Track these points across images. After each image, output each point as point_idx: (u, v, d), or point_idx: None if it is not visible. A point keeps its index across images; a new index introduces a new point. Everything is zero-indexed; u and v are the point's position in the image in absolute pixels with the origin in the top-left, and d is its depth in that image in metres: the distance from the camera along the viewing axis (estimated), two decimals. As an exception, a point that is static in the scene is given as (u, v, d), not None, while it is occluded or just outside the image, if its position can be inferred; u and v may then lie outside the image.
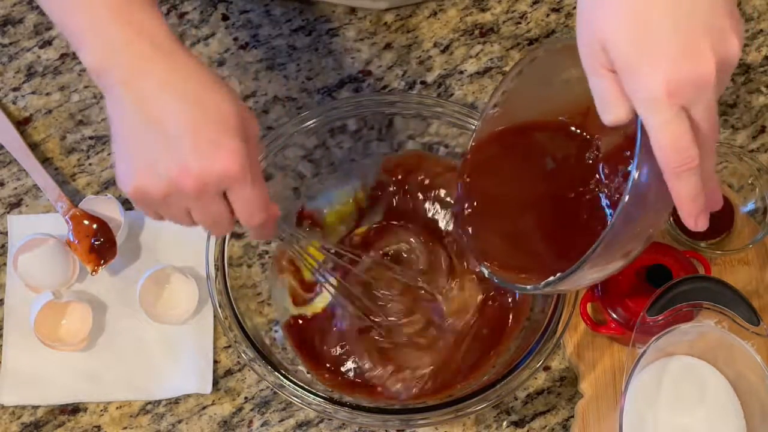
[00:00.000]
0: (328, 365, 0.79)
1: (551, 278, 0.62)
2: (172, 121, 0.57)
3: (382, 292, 0.81)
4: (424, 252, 0.83)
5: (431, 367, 0.80)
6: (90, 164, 0.90)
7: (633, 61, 0.53)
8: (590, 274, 0.62)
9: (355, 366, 0.79)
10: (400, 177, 0.84)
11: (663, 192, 0.56)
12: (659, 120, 0.54)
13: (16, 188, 0.89)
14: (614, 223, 0.57)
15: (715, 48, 0.52)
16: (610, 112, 0.56)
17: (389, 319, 0.81)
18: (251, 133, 0.61)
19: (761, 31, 0.95)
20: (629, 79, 0.54)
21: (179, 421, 0.82)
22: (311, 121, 0.77)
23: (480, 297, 0.83)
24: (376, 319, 0.81)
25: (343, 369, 0.80)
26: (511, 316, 0.81)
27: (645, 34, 0.53)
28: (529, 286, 0.65)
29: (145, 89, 0.58)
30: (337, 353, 0.80)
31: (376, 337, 0.81)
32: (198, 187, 0.58)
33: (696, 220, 0.58)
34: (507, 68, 0.93)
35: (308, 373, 0.78)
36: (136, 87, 0.58)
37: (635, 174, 0.55)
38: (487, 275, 0.69)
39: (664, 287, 0.73)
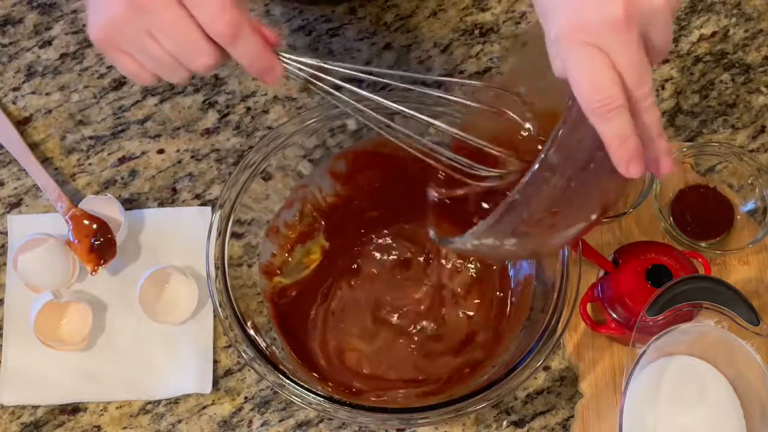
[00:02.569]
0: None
1: (475, 227, 0.59)
2: None
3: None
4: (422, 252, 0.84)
5: (431, 368, 0.80)
6: (90, 164, 0.90)
7: (546, 6, 0.54)
8: (522, 238, 0.59)
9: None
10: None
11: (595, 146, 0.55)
12: (572, 59, 0.53)
13: (16, 188, 0.89)
14: (534, 170, 0.55)
15: None
16: (552, 64, 0.56)
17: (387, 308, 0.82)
18: None
19: (761, 31, 0.95)
20: (545, 26, 0.54)
21: (179, 421, 0.82)
22: (311, 121, 0.77)
23: (480, 297, 0.83)
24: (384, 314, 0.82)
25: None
26: (511, 316, 0.81)
27: None
28: (457, 238, 0.62)
29: None
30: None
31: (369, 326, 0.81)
32: None
33: (628, 166, 0.56)
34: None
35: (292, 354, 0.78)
36: None
37: (561, 124, 0.55)
38: (431, 236, 0.68)
39: (664, 287, 0.73)
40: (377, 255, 0.84)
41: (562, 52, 0.54)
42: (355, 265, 0.84)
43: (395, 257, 0.85)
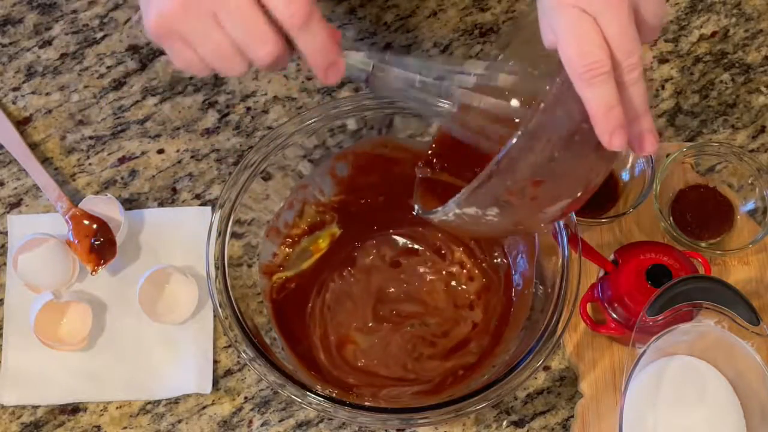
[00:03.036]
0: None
1: (458, 194, 0.58)
2: None
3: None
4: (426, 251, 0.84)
5: (417, 373, 0.80)
6: (90, 164, 0.90)
7: None
8: (504, 208, 0.59)
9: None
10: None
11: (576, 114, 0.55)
12: (561, 24, 0.53)
13: (16, 188, 0.89)
14: (519, 134, 0.54)
15: None
16: (543, 36, 0.56)
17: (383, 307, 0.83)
18: None
19: (761, 31, 0.95)
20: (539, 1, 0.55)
21: (179, 421, 0.82)
22: (311, 121, 0.77)
23: (478, 312, 0.83)
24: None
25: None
26: (511, 316, 0.81)
27: None
28: (439, 208, 0.61)
29: None
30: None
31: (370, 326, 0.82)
32: None
33: (611, 136, 0.55)
34: (507, 68, 0.93)
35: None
36: None
37: (549, 87, 0.54)
38: (415, 210, 0.68)
39: (664, 287, 0.73)
40: (378, 251, 0.85)
41: (554, 17, 0.54)
42: (354, 262, 0.84)
43: (395, 254, 0.85)
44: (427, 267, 0.84)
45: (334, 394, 0.71)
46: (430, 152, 0.70)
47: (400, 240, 0.85)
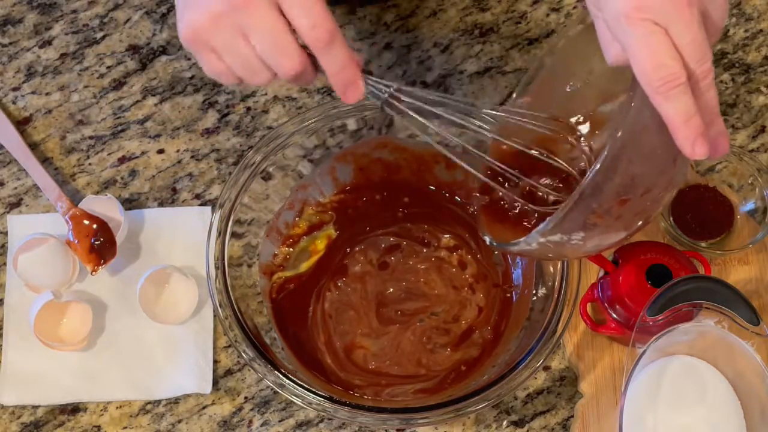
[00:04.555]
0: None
1: (542, 225, 0.58)
2: None
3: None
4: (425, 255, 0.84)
5: (429, 368, 0.80)
6: (90, 164, 0.90)
7: None
8: (590, 230, 0.59)
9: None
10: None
11: (659, 134, 0.55)
12: (633, 39, 0.53)
13: (16, 188, 0.89)
14: (605, 157, 0.54)
15: None
16: (606, 51, 0.56)
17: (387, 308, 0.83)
18: None
19: (761, 31, 0.95)
20: (603, 8, 0.54)
21: (179, 421, 0.82)
22: (311, 121, 0.77)
23: (480, 296, 0.83)
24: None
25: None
26: (511, 316, 0.81)
27: None
28: (521, 239, 0.61)
29: None
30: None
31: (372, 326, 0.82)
32: None
33: (693, 145, 0.54)
34: (507, 68, 0.93)
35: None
36: None
37: (628, 111, 0.54)
38: (488, 242, 0.67)
39: (664, 287, 0.73)
40: (365, 257, 0.84)
41: (623, 32, 0.54)
42: (346, 271, 0.84)
43: (380, 255, 0.85)
44: (415, 258, 0.84)
45: (334, 395, 0.71)
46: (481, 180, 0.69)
47: (384, 239, 0.85)
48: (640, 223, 0.61)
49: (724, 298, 0.73)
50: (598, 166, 0.55)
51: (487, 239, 0.67)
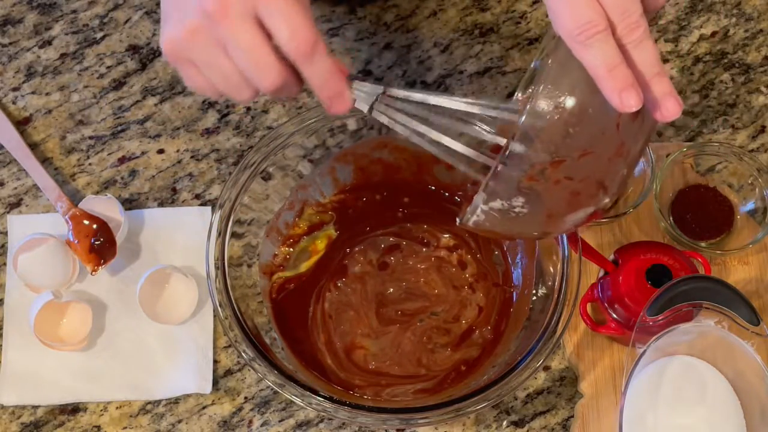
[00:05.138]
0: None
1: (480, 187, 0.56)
2: None
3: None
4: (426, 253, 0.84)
5: (429, 368, 0.80)
6: (90, 164, 0.90)
7: None
8: (530, 196, 0.56)
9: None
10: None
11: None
12: None
13: (16, 188, 0.89)
14: (525, 111, 0.53)
15: None
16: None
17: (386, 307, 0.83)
18: None
19: (761, 31, 0.95)
20: None
21: (179, 421, 0.82)
22: (311, 121, 0.77)
23: (480, 296, 0.83)
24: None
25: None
26: (511, 316, 0.81)
27: None
28: (468, 208, 0.59)
29: None
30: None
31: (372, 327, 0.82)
32: (220, 3, 0.54)
33: (621, 96, 0.52)
34: (507, 68, 0.93)
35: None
36: None
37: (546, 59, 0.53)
38: (457, 222, 0.65)
39: (664, 287, 0.73)
40: (365, 257, 0.84)
41: None
42: (346, 271, 0.84)
43: (380, 255, 0.85)
44: (415, 258, 0.84)
45: (334, 395, 0.71)
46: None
47: (384, 239, 0.85)
48: (596, 193, 0.57)
49: (724, 298, 0.73)
50: (522, 119, 0.54)
51: (457, 220, 0.64)
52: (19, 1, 0.95)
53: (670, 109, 0.55)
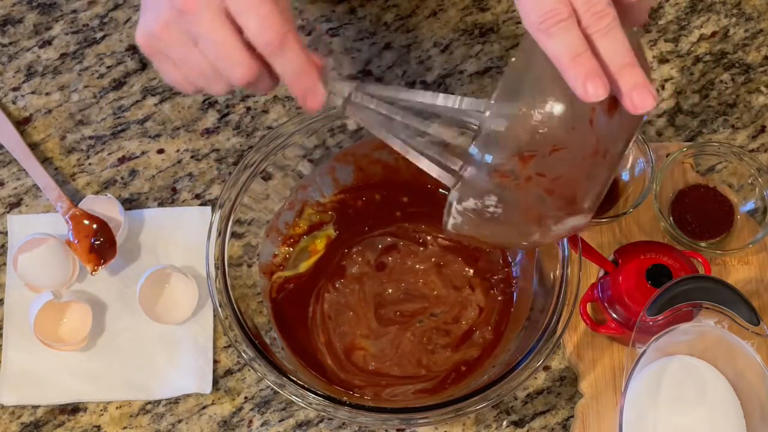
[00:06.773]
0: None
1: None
2: None
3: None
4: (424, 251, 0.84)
5: (429, 368, 0.80)
6: (90, 164, 0.90)
7: None
8: (502, 194, 0.54)
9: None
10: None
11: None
12: None
13: (16, 188, 0.89)
14: (490, 106, 0.52)
15: None
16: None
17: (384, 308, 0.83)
18: None
19: (761, 30, 0.95)
20: None
21: (179, 421, 0.82)
22: (311, 121, 0.77)
23: (480, 296, 0.83)
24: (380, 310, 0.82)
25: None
26: (511, 315, 0.81)
27: None
28: (444, 211, 0.58)
29: None
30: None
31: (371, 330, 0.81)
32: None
33: (585, 85, 0.50)
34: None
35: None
36: None
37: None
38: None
39: (664, 287, 0.73)
40: (363, 258, 0.84)
41: None
42: (344, 272, 0.84)
43: (377, 255, 0.85)
44: (413, 258, 0.84)
45: (334, 395, 0.71)
46: None
47: (381, 240, 0.85)
48: (572, 195, 0.55)
49: (724, 298, 0.73)
50: (486, 114, 0.53)
51: (443, 226, 0.63)
52: (19, 1, 0.95)
53: (640, 99, 0.51)
